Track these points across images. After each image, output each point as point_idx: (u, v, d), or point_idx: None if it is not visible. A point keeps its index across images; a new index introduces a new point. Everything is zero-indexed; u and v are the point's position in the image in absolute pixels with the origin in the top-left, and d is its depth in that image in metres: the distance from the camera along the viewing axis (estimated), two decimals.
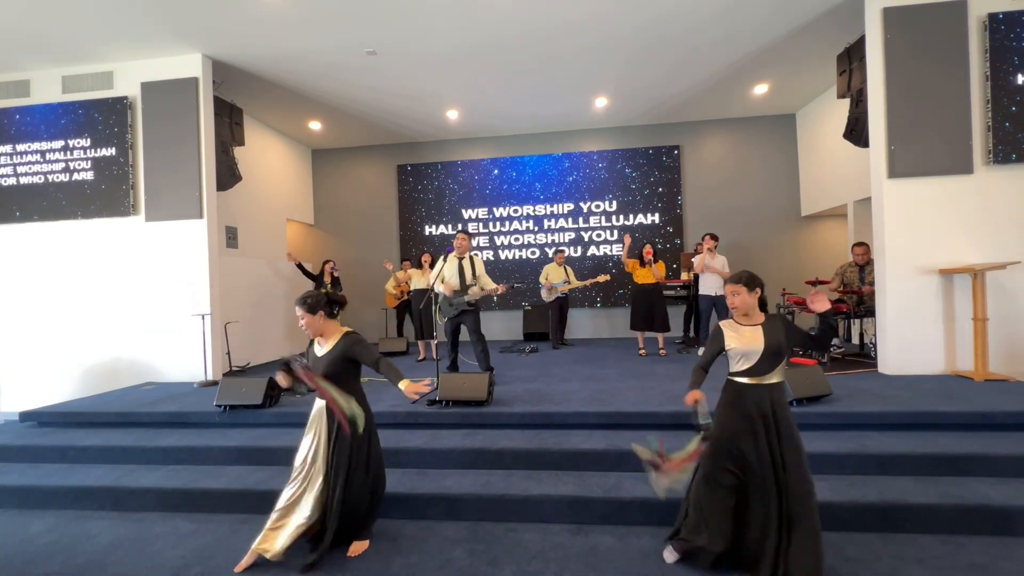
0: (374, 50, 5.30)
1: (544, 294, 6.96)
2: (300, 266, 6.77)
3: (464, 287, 4.64)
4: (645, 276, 5.84)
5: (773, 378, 2.20)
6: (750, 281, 2.26)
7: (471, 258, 4.75)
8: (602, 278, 6.68)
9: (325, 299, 2.61)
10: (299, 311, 2.56)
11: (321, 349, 2.58)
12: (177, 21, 4.70)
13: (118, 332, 5.48)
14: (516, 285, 6.48)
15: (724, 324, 2.33)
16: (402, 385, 2.42)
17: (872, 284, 5.00)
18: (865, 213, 5.74)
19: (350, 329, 2.63)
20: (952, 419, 3.30)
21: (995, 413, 3.29)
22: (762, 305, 2.30)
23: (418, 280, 6.61)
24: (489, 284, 4.74)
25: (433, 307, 4.86)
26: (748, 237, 7.83)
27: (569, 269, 7.07)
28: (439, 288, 4.66)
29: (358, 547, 2.55)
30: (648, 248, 5.76)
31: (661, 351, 5.95)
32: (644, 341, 6.13)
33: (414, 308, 6.55)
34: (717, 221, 7.70)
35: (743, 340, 2.22)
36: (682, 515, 2.39)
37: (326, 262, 6.63)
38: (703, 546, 2.23)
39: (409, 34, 5.03)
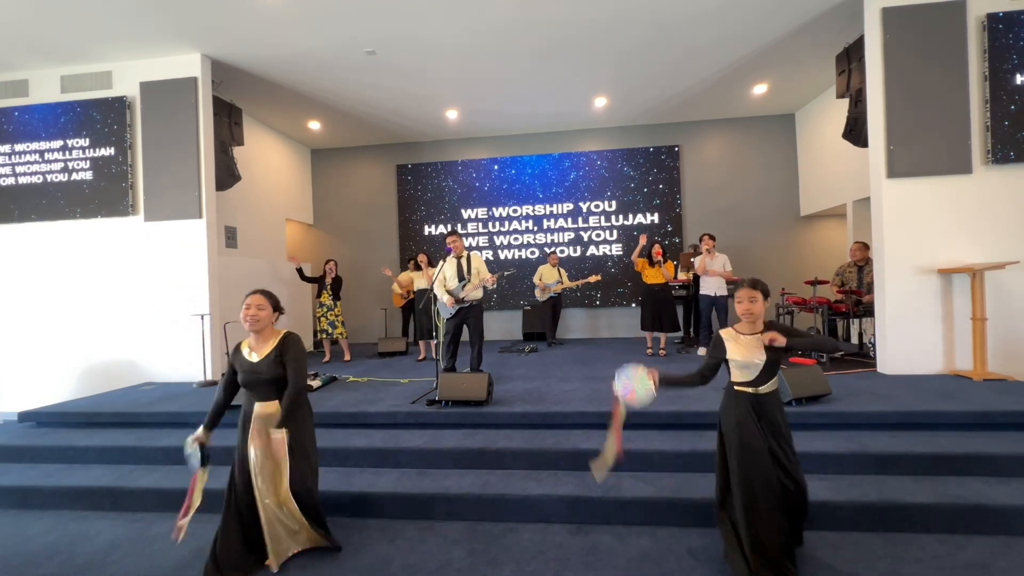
0: (373, 50, 5.29)
1: (538, 294, 7.09)
2: (300, 270, 6.68)
3: (462, 284, 4.67)
4: (654, 276, 5.83)
5: (767, 388, 2.21)
6: (766, 289, 2.26)
7: (468, 256, 4.77)
8: (593, 278, 6.94)
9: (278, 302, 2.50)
10: (259, 300, 2.39)
11: (255, 355, 2.41)
12: (176, 21, 4.70)
13: (117, 332, 5.47)
14: (507, 273, 6.44)
15: (725, 333, 2.30)
16: (277, 434, 2.26)
17: (871, 284, 5.00)
18: (864, 213, 5.75)
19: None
20: (951, 419, 3.31)
21: (994, 413, 3.30)
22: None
23: (419, 280, 6.63)
24: (484, 274, 4.70)
25: (432, 307, 4.85)
26: (747, 237, 7.83)
27: (562, 270, 7.22)
28: (438, 290, 4.67)
29: None
30: (658, 248, 5.77)
31: (661, 351, 5.95)
32: (650, 340, 6.15)
33: (416, 308, 6.56)
34: (716, 221, 7.71)
35: (743, 351, 2.22)
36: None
37: (327, 262, 6.56)
38: None
39: (408, 34, 5.02)
